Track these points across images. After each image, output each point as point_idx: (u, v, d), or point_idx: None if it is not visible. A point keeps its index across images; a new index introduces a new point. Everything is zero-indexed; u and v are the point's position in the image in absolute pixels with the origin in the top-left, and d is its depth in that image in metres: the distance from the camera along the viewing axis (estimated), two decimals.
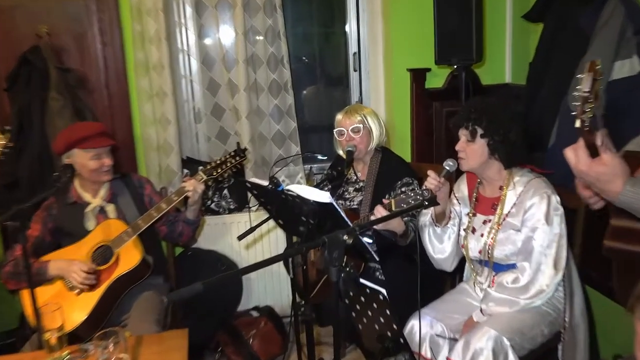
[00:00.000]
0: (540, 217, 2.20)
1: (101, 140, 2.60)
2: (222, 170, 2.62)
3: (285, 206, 2.15)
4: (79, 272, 2.45)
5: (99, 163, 2.59)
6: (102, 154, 2.60)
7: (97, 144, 2.58)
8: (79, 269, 2.45)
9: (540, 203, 2.20)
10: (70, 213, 2.66)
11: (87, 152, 2.57)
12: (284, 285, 3.64)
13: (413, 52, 3.56)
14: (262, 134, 3.55)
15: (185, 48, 3.55)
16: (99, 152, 2.58)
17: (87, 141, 2.56)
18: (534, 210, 2.21)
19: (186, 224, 2.73)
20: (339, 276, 1.34)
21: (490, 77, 3.70)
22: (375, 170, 2.80)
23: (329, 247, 1.32)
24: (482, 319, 2.28)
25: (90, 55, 3.28)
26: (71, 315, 2.44)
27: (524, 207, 2.24)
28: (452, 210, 2.47)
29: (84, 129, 2.65)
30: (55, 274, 2.49)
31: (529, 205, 2.22)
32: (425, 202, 1.68)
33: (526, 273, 2.22)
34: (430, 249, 2.50)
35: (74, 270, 2.46)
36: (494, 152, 2.26)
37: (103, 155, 2.61)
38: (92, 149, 2.56)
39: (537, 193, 2.22)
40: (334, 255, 1.31)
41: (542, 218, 2.19)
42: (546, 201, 2.20)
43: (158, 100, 3.33)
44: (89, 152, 2.57)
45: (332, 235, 1.33)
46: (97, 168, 2.59)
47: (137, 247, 2.55)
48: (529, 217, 2.22)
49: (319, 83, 4.07)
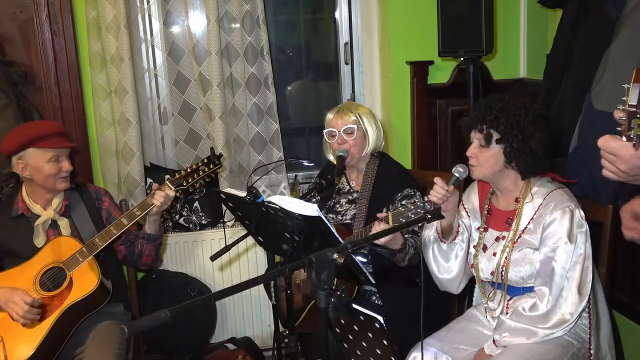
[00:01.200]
0: (562, 235, 2.20)
1: (61, 141, 2.62)
2: (194, 180, 2.63)
3: (266, 221, 2.17)
4: (21, 305, 2.41)
5: (56, 167, 2.59)
6: (61, 157, 2.61)
7: (57, 144, 2.59)
8: (21, 300, 2.42)
9: (562, 219, 2.20)
10: (14, 228, 2.66)
11: (45, 152, 2.57)
12: (265, 312, 3.65)
13: (413, 43, 3.59)
14: (239, 137, 3.56)
15: (149, 37, 3.57)
16: (58, 154, 2.60)
17: (45, 140, 2.57)
18: (555, 227, 2.21)
19: (146, 240, 2.73)
20: (328, 301, 1.35)
21: (503, 71, 3.74)
22: (371, 179, 2.81)
23: (317, 268, 1.32)
24: (495, 351, 2.28)
25: (38, 46, 3.29)
26: (15, 350, 2.43)
27: (543, 222, 2.24)
28: (461, 224, 2.47)
29: (42, 126, 2.68)
30: None
31: (549, 221, 2.22)
32: (428, 215, 1.69)
33: (545, 299, 2.22)
34: (435, 268, 2.50)
35: (15, 301, 2.42)
36: (511, 161, 2.26)
37: (62, 159, 2.62)
38: (50, 150, 2.57)
39: (559, 207, 2.22)
40: (322, 277, 1.32)
41: (564, 236, 2.19)
42: (569, 216, 2.20)
43: (117, 98, 3.34)
44: (47, 153, 2.57)
45: (320, 254, 1.34)
46: (55, 173, 2.59)
47: (93, 269, 2.54)
48: (549, 234, 2.23)
49: (305, 78, 4.10)
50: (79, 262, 2.52)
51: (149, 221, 2.69)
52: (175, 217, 3.57)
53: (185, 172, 2.64)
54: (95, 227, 2.71)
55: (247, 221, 2.36)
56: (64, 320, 2.49)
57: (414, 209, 2.25)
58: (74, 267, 2.52)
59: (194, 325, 3.51)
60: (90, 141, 3.50)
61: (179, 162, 3.67)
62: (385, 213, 2.36)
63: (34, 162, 2.58)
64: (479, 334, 2.45)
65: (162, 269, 3.55)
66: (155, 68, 3.62)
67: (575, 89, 2.84)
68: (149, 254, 2.78)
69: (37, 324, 2.47)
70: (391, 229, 2.06)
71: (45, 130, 2.61)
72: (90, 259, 2.54)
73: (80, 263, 2.52)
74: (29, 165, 2.58)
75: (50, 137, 2.59)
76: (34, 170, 2.59)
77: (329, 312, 1.36)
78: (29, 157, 2.58)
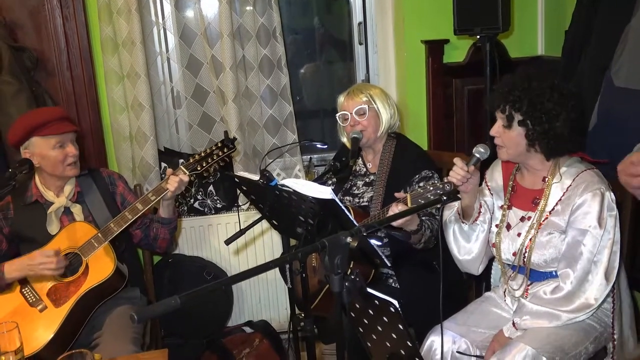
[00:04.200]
0: (592, 218, 2.15)
1: (62, 126, 2.61)
2: (208, 165, 2.62)
3: (279, 204, 2.15)
4: (45, 260, 2.41)
5: (62, 153, 2.59)
6: (65, 142, 2.61)
7: (58, 129, 2.58)
8: (43, 257, 2.42)
9: (592, 201, 2.15)
10: (29, 215, 2.67)
11: (48, 139, 2.57)
12: (281, 296, 3.66)
13: (428, 21, 3.55)
14: (253, 120, 3.55)
15: (160, 21, 3.54)
16: (61, 140, 2.59)
17: (47, 127, 2.57)
18: (585, 209, 2.16)
19: (161, 224, 2.74)
20: (342, 286, 1.33)
21: (520, 48, 3.69)
22: (388, 160, 2.79)
23: (330, 252, 1.31)
24: (514, 334, 2.26)
25: (49, 32, 3.28)
26: (34, 335, 2.45)
27: (572, 205, 2.18)
28: (483, 204, 2.42)
29: (41, 114, 2.66)
30: (16, 276, 2.49)
31: (579, 204, 2.17)
32: (444, 197, 1.66)
33: (569, 280, 2.18)
34: (455, 249, 2.48)
35: (39, 261, 2.43)
36: (534, 144, 2.21)
37: (67, 144, 2.61)
38: (53, 136, 2.57)
39: (589, 189, 2.17)
40: (335, 261, 1.31)
41: (594, 220, 2.14)
42: (599, 199, 2.14)
43: (129, 82, 3.33)
44: (50, 140, 2.57)
45: (334, 237, 1.33)
46: (61, 159, 2.60)
47: (109, 255, 2.56)
48: (578, 217, 2.18)
49: (319, 59, 4.06)
50: (95, 248, 2.54)
51: (163, 205, 2.69)
52: (190, 201, 3.57)
53: (200, 156, 2.63)
54: (109, 212, 2.72)
55: (261, 205, 2.35)
56: (81, 306, 2.51)
57: (433, 190, 2.22)
58: (89, 252, 2.54)
59: (211, 309, 3.52)
60: (104, 126, 3.50)
61: (193, 146, 3.67)
62: (403, 194, 2.34)
63: (40, 151, 2.58)
64: (497, 317, 2.43)
65: (178, 253, 3.56)
66: (167, 51, 3.61)
67: (595, 66, 2.80)
68: (164, 238, 2.79)
69: (54, 309, 2.49)
70: (407, 211, 2.03)
71: (46, 117, 2.60)
72: (106, 245, 2.55)
73: (96, 249, 2.53)
74: (35, 154, 2.59)
75: (52, 123, 2.58)
76: (41, 159, 2.59)
77: (343, 297, 1.35)
78: (34, 146, 2.58)
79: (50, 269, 2.44)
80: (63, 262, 2.46)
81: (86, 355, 1.62)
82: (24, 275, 2.50)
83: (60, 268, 2.45)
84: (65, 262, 2.48)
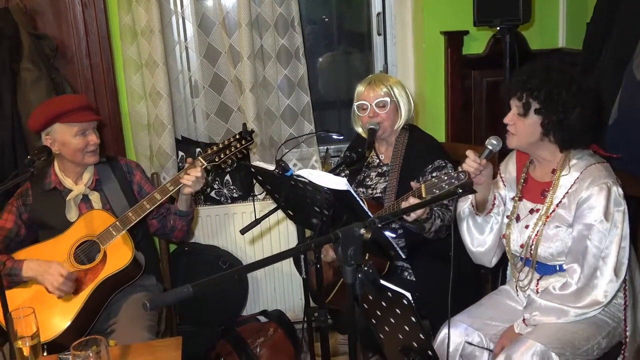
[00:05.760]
0: (597, 212, 2.13)
1: (86, 114, 2.63)
2: (225, 156, 2.62)
3: (295, 194, 2.16)
4: (57, 277, 2.46)
5: (84, 141, 2.61)
6: (87, 131, 2.63)
7: (82, 118, 2.61)
8: (56, 272, 2.47)
9: (598, 195, 2.14)
10: (48, 201, 2.70)
11: (70, 127, 2.59)
12: (296, 286, 3.67)
13: (448, 12, 3.53)
14: (270, 110, 3.55)
15: (179, 9, 3.56)
16: (84, 128, 2.62)
17: (70, 115, 2.59)
18: (591, 203, 2.15)
19: (178, 216, 2.76)
20: (355, 277, 1.34)
21: (541, 40, 3.66)
22: (401, 152, 2.78)
23: (343, 243, 1.31)
24: (524, 330, 2.25)
25: (69, 20, 3.31)
26: (51, 322, 2.49)
27: (579, 198, 2.17)
28: (497, 196, 2.42)
29: (66, 101, 2.69)
30: (30, 275, 2.52)
31: (585, 197, 2.16)
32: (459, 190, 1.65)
33: (576, 276, 2.17)
34: (469, 241, 2.48)
35: (51, 273, 2.48)
36: (548, 133, 2.19)
37: (89, 132, 2.64)
38: (75, 124, 2.59)
39: (596, 183, 2.15)
40: (349, 253, 1.31)
41: (600, 214, 2.13)
42: (605, 193, 2.13)
43: (148, 71, 3.35)
44: (73, 127, 2.59)
45: (347, 229, 1.33)
46: (82, 147, 2.62)
47: (127, 243, 2.58)
48: (584, 211, 2.16)
49: (337, 50, 4.05)
50: (113, 236, 2.56)
51: (180, 199, 2.71)
52: (207, 190, 3.59)
53: (217, 147, 2.63)
54: (126, 200, 2.74)
55: (277, 195, 2.35)
56: (98, 293, 2.54)
57: (447, 180, 2.21)
58: (107, 241, 2.56)
59: (226, 298, 3.55)
60: (122, 114, 3.53)
61: (210, 135, 3.68)
62: (418, 184, 2.33)
63: (61, 137, 2.60)
64: (511, 310, 2.43)
65: (194, 242, 3.58)
66: (185, 40, 3.62)
67: (616, 60, 2.76)
68: (180, 229, 2.81)
69: (72, 297, 2.52)
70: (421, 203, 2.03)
71: (69, 104, 2.62)
72: (124, 233, 2.57)
73: (114, 237, 2.56)
74: (56, 141, 2.61)
75: (75, 111, 2.60)
76: (62, 145, 2.61)
77: (356, 288, 1.35)
78: (56, 133, 2.60)
79: (54, 285, 2.46)
80: (68, 287, 2.48)
81: (100, 341, 1.63)
82: (35, 278, 2.52)
83: (63, 290, 2.47)
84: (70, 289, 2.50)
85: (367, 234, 1.33)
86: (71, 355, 1.57)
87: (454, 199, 2.00)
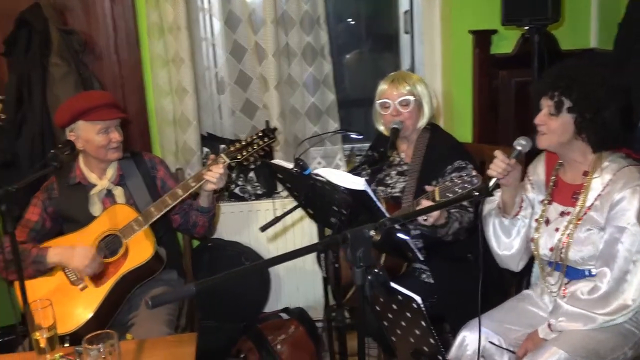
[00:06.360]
0: (630, 215, 2.09)
1: (109, 112, 2.65)
2: (248, 154, 2.63)
3: (314, 193, 2.16)
4: (83, 258, 2.51)
5: (106, 138, 2.64)
6: (110, 128, 2.65)
7: (105, 116, 2.63)
8: (82, 253, 2.52)
9: (631, 198, 2.09)
10: (73, 196, 2.74)
11: (94, 124, 2.62)
12: (318, 284, 3.66)
13: (476, 10, 3.48)
14: (295, 108, 3.55)
15: (206, 6, 3.58)
16: (107, 126, 2.64)
17: (94, 112, 2.61)
18: (624, 205, 2.10)
19: (199, 212, 2.77)
20: (364, 279, 1.32)
21: (572, 40, 3.59)
22: (422, 151, 2.75)
23: (352, 245, 1.30)
24: (549, 335, 2.21)
25: (97, 15, 3.35)
26: (75, 313, 2.54)
27: (611, 200, 2.13)
28: (524, 199, 2.38)
29: (90, 98, 2.71)
30: (55, 261, 2.58)
31: (618, 200, 2.11)
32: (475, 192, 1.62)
33: (606, 279, 2.13)
34: (495, 244, 2.44)
35: (77, 254, 2.52)
36: (581, 132, 2.15)
37: (112, 130, 2.66)
38: (99, 122, 2.62)
39: (629, 185, 2.11)
40: (357, 254, 1.29)
41: (632, 217, 2.09)
42: (639, 196, 2.09)
43: (174, 67, 3.38)
44: (96, 125, 2.62)
45: (356, 230, 1.32)
46: (105, 144, 2.64)
47: (149, 238, 2.61)
48: (617, 214, 2.12)
49: (363, 48, 4.03)
50: (135, 231, 2.58)
51: (202, 195, 2.72)
52: (231, 187, 3.60)
53: (240, 144, 2.64)
54: (150, 195, 2.77)
55: (297, 193, 2.35)
56: (120, 286, 2.57)
57: (461, 184, 2.18)
58: (129, 235, 2.59)
59: (249, 294, 3.56)
60: (149, 110, 3.56)
61: (236, 132, 3.70)
62: (432, 187, 2.31)
63: (85, 134, 2.63)
64: (533, 315, 2.38)
65: (217, 238, 3.60)
66: (212, 37, 3.64)
67: None
68: (202, 225, 2.82)
69: (94, 289, 2.56)
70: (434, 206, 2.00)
71: (93, 102, 2.64)
72: (146, 228, 2.59)
73: (136, 232, 2.58)
74: (80, 137, 2.64)
75: (99, 108, 2.62)
76: (85, 142, 2.64)
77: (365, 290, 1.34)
78: (80, 130, 2.63)
79: (81, 267, 2.52)
80: (95, 266, 2.53)
81: (112, 335, 1.65)
82: (61, 263, 2.58)
83: (90, 270, 2.52)
84: (98, 269, 2.55)
85: (377, 236, 1.32)
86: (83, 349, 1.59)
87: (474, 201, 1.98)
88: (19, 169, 3.20)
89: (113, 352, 1.64)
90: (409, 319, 1.42)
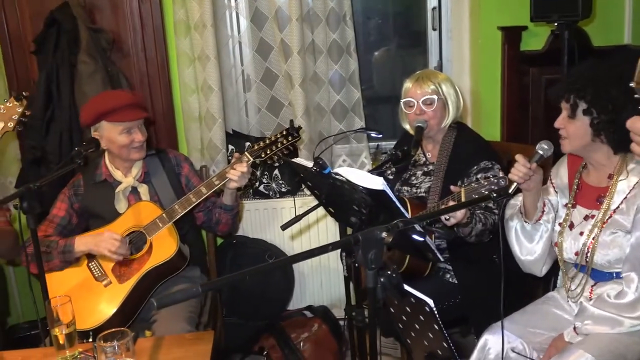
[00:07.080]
0: None
1: (132, 113, 2.68)
2: (272, 152, 2.63)
3: (334, 192, 2.14)
4: (112, 242, 2.54)
5: (128, 138, 2.66)
6: (132, 129, 2.68)
7: (127, 117, 2.65)
8: (110, 237, 2.55)
9: None
10: (98, 193, 2.78)
11: (116, 125, 2.65)
12: (342, 283, 3.62)
13: (505, 7, 3.43)
14: (320, 105, 3.54)
15: (232, 4, 3.58)
16: (129, 126, 2.66)
17: (116, 113, 2.64)
18: None
19: (223, 210, 2.78)
20: (376, 281, 1.31)
21: (604, 36, 3.51)
22: (447, 151, 2.72)
23: (364, 247, 1.28)
24: (575, 339, 2.18)
25: (125, 14, 3.38)
26: (98, 309, 2.57)
27: (638, 203, 2.10)
28: (547, 203, 2.34)
29: (113, 99, 2.74)
30: (83, 249, 2.62)
31: None
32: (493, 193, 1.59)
33: (634, 285, 2.08)
34: (517, 249, 2.41)
35: (105, 239, 2.56)
36: (599, 134, 2.11)
37: (134, 130, 2.68)
38: (121, 123, 2.64)
39: None
40: (369, 257, 1.28)
41: None
42: None
43: (200, 64, 3.40)
44: (118, 126, 2.65)
45: (368, 232, 1.30)
46: (127, 144, 2.67)
47: (172, 235, 2.63)
48: None
49: (391, 45, 3.99)
50: (159, 228, 2.61)
51: (226, 193, 2.73)
52: (256, 184, 3.61)
53: (264, 143, 2.64)
54: (174, 192, 2.79)
55: (317, 192, 2.34)
56: (143, 283, 2.60)
57: (488, 185, 2.15)
58: (154, 232, 2.62)
59: (272, 292, 3.57)
60: (175, 107, 3.58)
61: (262, 130, 3.70)
62: (458, 187, 2.28)
63: (108, 135, 2.66)
64: (558, 318, 2.35)
65: (242, 235, 3.62)
66: (238, 35, 3.64)
67: None
68: (225, 222, 2.83)
69: (118, 285, 2.59)
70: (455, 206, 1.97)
71: (116, 103, 2.66)
72: (170, 225, 2.62)
73: (160, 229, 2.61)
74: (103, 137, 2.67)
75: (121, 109, 2.64)
76: (108, 142, 2.67)
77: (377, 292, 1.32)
78: (103, 130, 2.66)
79: (111, 250, 2.54)
80: (124, 249, 2.56)
81: (126, 334, 1.66)
82: (89, 250, 2.61)
83: (119, 253, 2.56)
84: (127, 251, 2.58)
85: (389, 238, 1.30)
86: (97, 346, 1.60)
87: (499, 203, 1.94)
88: (48, 165, 3.25)
89: (128, 349, 1.65)
90: (422, 322, 1.40)
